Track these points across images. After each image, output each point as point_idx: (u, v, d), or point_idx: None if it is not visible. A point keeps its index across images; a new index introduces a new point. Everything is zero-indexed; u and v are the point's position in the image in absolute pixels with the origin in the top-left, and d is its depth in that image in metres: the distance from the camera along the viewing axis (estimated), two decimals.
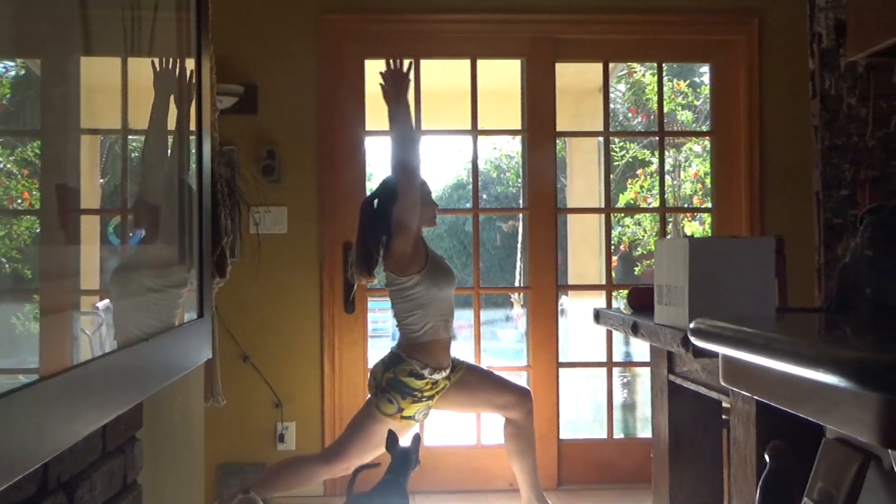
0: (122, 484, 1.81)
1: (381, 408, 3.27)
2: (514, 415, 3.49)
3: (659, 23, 4.22)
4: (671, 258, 2.34)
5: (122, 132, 1.83)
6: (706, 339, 1.66)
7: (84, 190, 1.58)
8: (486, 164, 15.77)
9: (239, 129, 3.96)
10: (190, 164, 2.22)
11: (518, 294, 11.44)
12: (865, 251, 1.95)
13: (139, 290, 1.88)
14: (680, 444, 2.89)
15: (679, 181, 11.74)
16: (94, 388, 1.44)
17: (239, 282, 3.72)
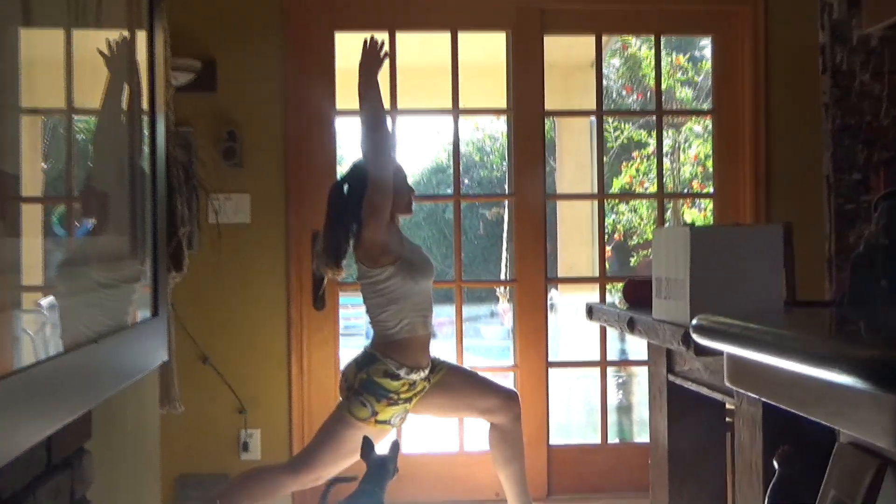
0: (70, 500, 1.79)
1: (353, 412, 3.26)
2: (499, 419, 3.49)
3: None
4: (670, 248, 2.34)
5: (66, 112, 1.80)
6: (709, 337, 1.66)
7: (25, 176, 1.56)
8: (467, 146, 15.76)
9: (196, 109, 3.93)
10: (142, 147, 2.19)
11: (503, 288, 11.47)
12: (880, 239, 1.96)
13: (87, 286, 1.86)
14: (680, 450, 2.90)
15: (678, 164, 11.79)
16: (37, 394, 1.43)
17: (197, 276, 3.70)
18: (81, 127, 1.95)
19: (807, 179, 4.05)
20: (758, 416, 2.09)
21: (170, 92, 3.12)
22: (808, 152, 4.03)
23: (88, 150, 1.96)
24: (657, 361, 2.91)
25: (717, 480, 2.91)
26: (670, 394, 2.86)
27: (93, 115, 1.97)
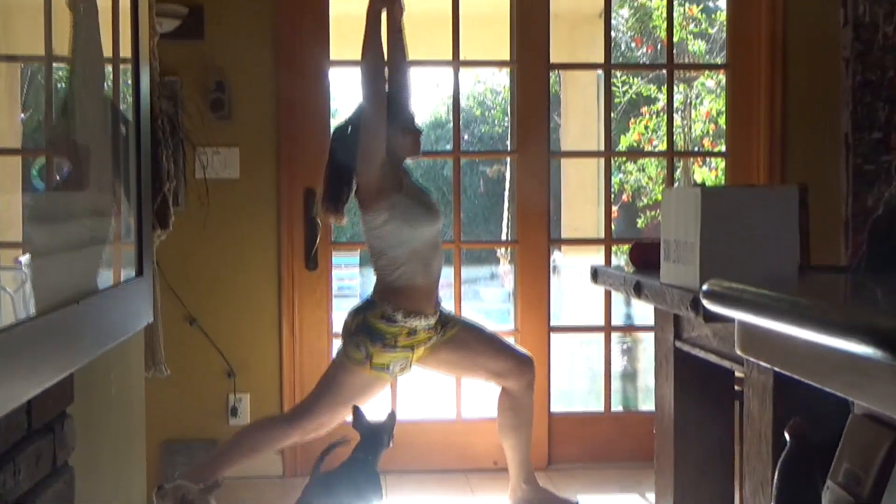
0: (52, 466, 1.80)
1: (349, 354, 3.30)
2: (511, 385, 3.52)
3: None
4: (680, 210, 2.33)
5: (45, 59, 1.78)
6: (720, 303, 1.66)
7: (2, 127, 1.55)
8: (468, 99, 15.68)
9: (182, 57, 3.89)
10: (125, 98, 2.17)
11: (504, 249, 11.47)
12: None
13: (67, 243, 1.85)
14: (686, 418, 2.92)
15: (689, 121, 11.73)
16: (16, 357, 1.42)
17: (184, 234, 3.69)
18: (62, 76, 1.93)
19: (824, 138, 4.03)
20: (768, 386, 2.10)
21: (154, 39, 3.09)
22: (827, 110, 4.00)
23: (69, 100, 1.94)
24: (664, 327, 2.92)
25: (724, 451, 2.93)
26: (677, 361, 2.87)
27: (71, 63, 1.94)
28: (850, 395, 1.43)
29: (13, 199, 1.66)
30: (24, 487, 1.65)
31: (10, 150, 1.66)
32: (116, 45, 2.14)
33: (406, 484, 3.97)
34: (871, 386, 1.31)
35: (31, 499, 1.67)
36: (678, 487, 2.93)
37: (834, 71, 3.78)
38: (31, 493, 1.68)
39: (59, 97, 1.85)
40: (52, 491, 1.78)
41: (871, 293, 1.80)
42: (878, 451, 1.59)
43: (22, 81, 1.74)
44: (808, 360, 1.48)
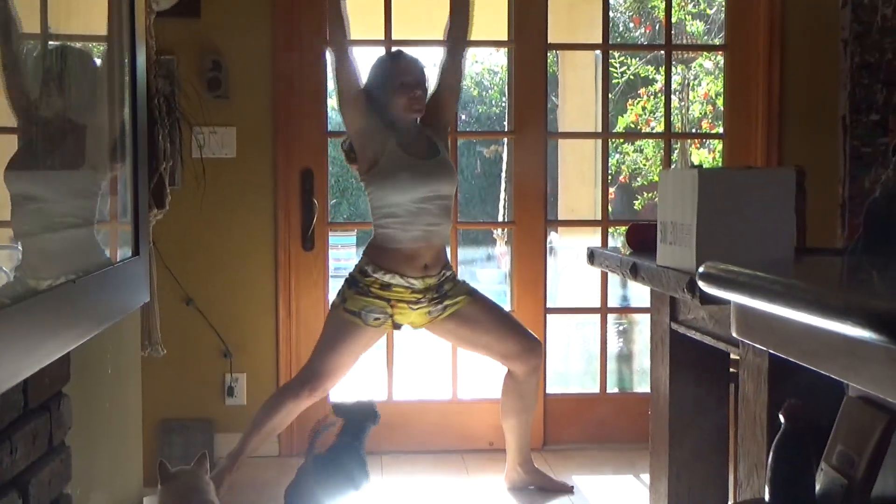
0: (48, 445, 1.81)
1: (332, 302, 3.53)
2: (517, 367, 3.54)
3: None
4: (677, 191, 2.33)
5: (41, 37, 1.78)
6: (716, 285, 1.66)
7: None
8: (465, 79, 15.64)
9: (179, 36, 3.87)
10: (122, 77, 2.16)
11: (501, 230, 11.46)
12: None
13: (64, 223, 1.85)
14: (681, 400, 2.93)
15: (687, 102, 11.71)
16: (12, 336, 1.42)
17: (180, 214, 3.69)
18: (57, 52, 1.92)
19: (822, 120, 4.02)
20: (763, 368, 2.10)
21: (150, 18, 3.08)
22: (824, 92, 4.00)
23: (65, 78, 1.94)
24: (660, 309, 2.92)
25: (719, 433, 2.94)
26: (673, 343, 2.88)
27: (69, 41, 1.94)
28: (845, 377, 1.43)
29: None
30: (21, 466, 1.65)
31: (6, 128, 1.66)
32: (112, 23, 2.13)
33: (401, 464, 3.99)
34: (865, 368, 1.32)
35: (28, 477, 1.68)
36: (673, 469, 2.95)
37: (832, 52, 3.77)
38: (27, 472, 1.68)
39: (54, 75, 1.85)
40: (49, 469, 1.79)
41: (867, 276, 1.81)
42: (872, 433, 1.60)
43: None
44: (804, 342, 1.49)
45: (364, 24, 4.83)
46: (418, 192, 3.39)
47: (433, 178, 3.42)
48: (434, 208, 3.43)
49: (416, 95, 3.46)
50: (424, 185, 3.40)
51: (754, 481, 2.16)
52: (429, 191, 3.41)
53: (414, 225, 3.40)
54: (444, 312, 3.48)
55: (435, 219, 3.43)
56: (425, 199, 3.40)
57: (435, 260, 3.46)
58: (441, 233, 3.47)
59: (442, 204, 3.45)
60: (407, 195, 3.38)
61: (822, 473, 1.70)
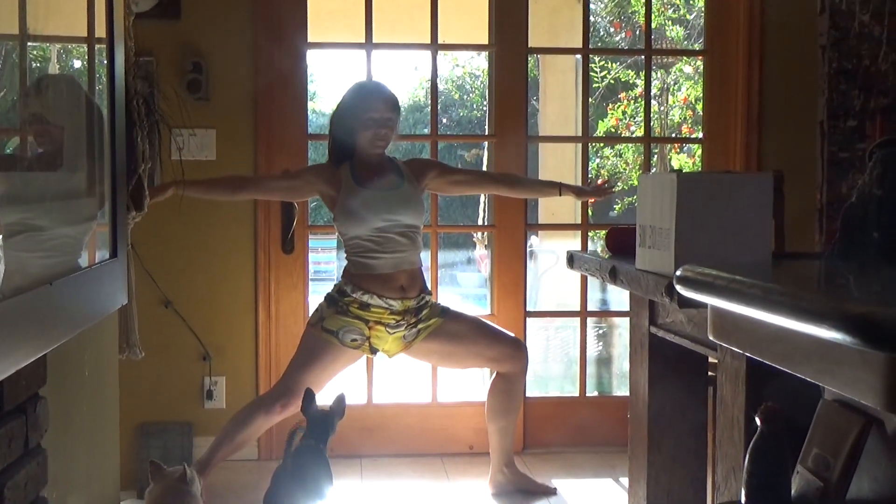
0: (24, 448, 1.80)
1: (309, 320, 3.55)
2: (507, 369, 3.59)
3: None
4: (656, 195, 2.34)
5: (19, 38, 1.77)
6: (694, 289, 1.67)
7: None
8: (446, 83, 15.65)
9: (158, 37, 3.86)
10: (100, 78, 2.16)
11: (481, 233, 11.46)
12: (874, 190, 1.97)
13: (41, 224, 1.84)
14: (660, 403, 2.94)
15: (666, 107, 11.75)
16: None
17: (159, 216, 3.67)
18: (36, 55, 1.92)
19: (800, 126, 4.05)
20: (741, 371, 2.11)
21: (129, 18, 3.06)
22: (803, 97, 4.02)
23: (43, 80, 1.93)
24: (639, 313, 2.93)
25: (697, 435, 2.96)
26: (652, 346, 2.89)
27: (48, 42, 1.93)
28: (820, 380, 1.44)
29: None
30: None
31: None
32: (91, 24, 2.12)
33: (381, 468, 3.98)
34: (841, 372, 1.33)
35: (3, 480, 1.67)
36: (651, 472, 2.96)
37: (811, 58, 3.80)
38: (2, 475, 1.67)
39: (32, 77, 1.84)
40: (25, 472, 1.77)
41: (843, 280, 1.82)
42: (847, 436, 1.61)
43: None
44: (780, 345, 1.50)
45: (345, 26, 4.84)
46: (374, 222, 3.43)
47: (390, 209, 3.45)
48: (398, 237, 3.46)
49: (380, 134, 3.51)
50: (379, 215, 3.44)
51: (732, 484, 2.17)
52: (385, 221, 3.44)
53: (380, 253, 3.45)
54: (418, 336, 3.50)
55: (401, 246, 3.47)
56: (385, 228, 3.44)
57: (411, 282, 3.48)
58: (409, 258, 3.50)
59: (406, 232, 3.48)
60: (365, 226, 3.44)
61: (797, 476, 1.71)
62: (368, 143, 3.50)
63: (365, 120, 3.48)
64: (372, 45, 4.16)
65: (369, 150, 3.51)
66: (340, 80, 15.79)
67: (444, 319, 3.55)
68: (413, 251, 3.51)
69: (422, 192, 3.62)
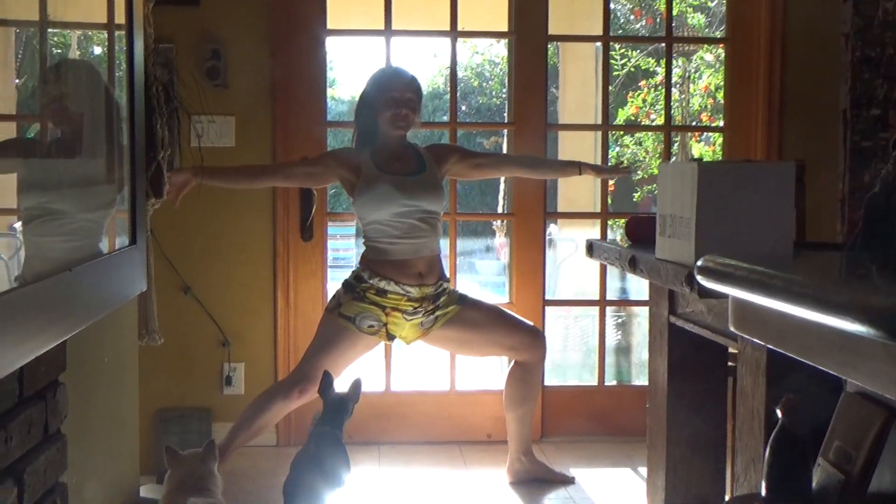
0: (44, 434, 1.80)
1: (327, 306, 3.54)
2: (525, 357, 3.59)
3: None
4: (676, 184, 2.33)
5: (40, 24, 1.77)
6: (714, 279, 1.66)
7: None
8: (466, 70, 15.61)
9: (178, 24, 3.86)
10: (119, 65, 2.16)
11: (500, 221, 11.46)
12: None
13: (61, 210, 1.85)
14: (679, 393, 2.93)
15: (687, 95, 11.69)
16: (8, 324, 1.42)
17: (179, 202, 3.68)
18: (56, 41, 1.92)
19: (822, 114, 4.01)
20: (762, 363, 2.10)
21: (149, 5, 3.06)
22: (825, 86, 3.98)
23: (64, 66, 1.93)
24: (659, 302, 2.92)
25: (716, 427, 2.94)
26: (671, 336, 2.87)
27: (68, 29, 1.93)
28: (843, 373, 1.43)
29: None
30: (16, 454, 1.65)
31: (5, 115, 1.65)
32: (111, 10, 2.12)
33: (398, 455, 3.99)
34: (863, 364, 1.31)
35: (24, 466, 1.68)
36: (670, 462, 2.95)
37: (833, 46, 3.76)
38: (22, 460, 1.68)
39: (53, 63, 1.84)
40: (45, 458, 1.78)
41: (866, 271, 1.80)
42: (869, 429, 1.60)
43: (16, 47, 1.73)
44: (802, 337, 1.48)
45: (364, 13, 4.83)
46: (394, 207, 3.42)
47: (410, 194, 3.44)
48: (418, 222, 3.45)
49: (401, 113, 3.50)
50: (399, 201, 3.42)
51: (751, 476, 2.16)
52: (405, 206, 3.42)
53: (399, 239, 3.44)
54: (436, 323, 3.50)
55: (421, 232, 3.46)
56: (405, 213, 3.43)
57: (429, 269, 3.48)
58: (429, 245, 3.49)
59: (426, 218, 3.46)
60: (384, 210, 3.42)
61: (819, 469, 1.70)
62: (389, 123, 3.49)
63: (385, 100, 3.49)
64: (391, 31, 4.15)
65: (390, 131, 3.50)
66: (360, 68, 15.78)
67: (463, 307, 3.54)
68: (433, 237, 3.50)
69: (443, 177, 3.62)
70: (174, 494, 2.57)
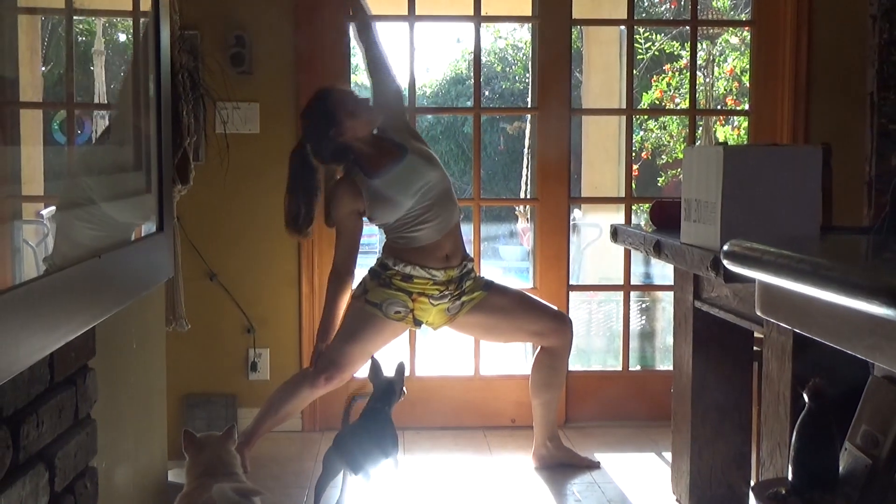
0: (74, 418, 1.83)
1: (353, 293, 3.51)
2: (552, 343, 3.59)
3: None
4: (702, 168, 2.32)
5: (66, 12, 1.78)
6: (741, 264, 1.65)
7: (23, 80, 1.55)
8: (489, 55, 15.58)
9: (202, 11, 3.87)
10: (145, 52, 2.17)
11: (524, 207, 11.45)
12: None
13: (89, 197, 1.86)
14: (704, 378, 2.93)
15: (712, 79, 11.62)
16: (39, 310, 1.44)
17: (204, 189, 3.71)
18: (82, 28, 1.93)
19: (849, 97, 3.98)
20: (788, 347, 2.09)
21: None
22: (852, 68, 3.95)
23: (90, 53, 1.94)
24: (684, 287, 2.92)
25: (741, 411, 2.94)
26: (696, 320, 2.87)
27: (94, 16, 1.94)
28: (871, 357, 1.42)
29: (34, 153, 1.67)
30: (47, 439, 1.67)
31: (32, 103, 1.66)
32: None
33: (423, 440, 4.00)
34: (891, 348, 1.31)
35: (54, 450, 1.70)
36: (695, 447, 2.95)
37: (860, 29, 3.73)
38: (53, 445, 1.70)
39: (79, 51, 1.85)
40: (75, 442, 1.80)
41: (893, 254, 1.79)
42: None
43: (42, 34, 1.74)
44: (829, 321, 1.48)
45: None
46: (408, 199, 3.40)
47: (413, 178, 3.41)
48: (432, 201, 3.43)
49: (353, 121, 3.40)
50: (409, 190, 3.40)
51: (777, 460, 2.16)
52: (416, 191, 3.40)
53: (423, 224, 3.43)
54: (462, 309, 3.50)
55: (439, 209, 3.44)
56: (420, 197, 3.41)
57: (455, 249, 3.48)
58: (451, 218, 3.47)
59: (436, 192, 3.44)
60: (402, 207, 3.40)
61: (846, 453, 1.70)
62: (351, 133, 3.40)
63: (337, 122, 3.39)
64: (415, 17, 4.14)
65: (358, 134, 3.41)
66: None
67: (489, 293, 3.54)
68: (452, 207, 3.48)
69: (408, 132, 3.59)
70: (202, 479, 2.59)
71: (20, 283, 1.42)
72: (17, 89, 1.47)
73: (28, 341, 1.38)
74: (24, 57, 1.54)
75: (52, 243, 1.67)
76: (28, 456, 1.58)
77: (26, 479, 1.54)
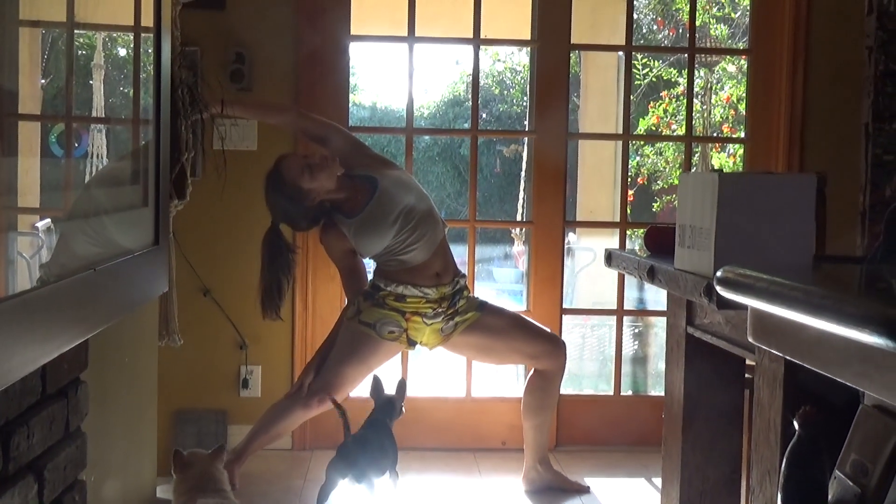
0: (65, 431, 1.82)
1: (346, 315, 3.51)
2: (546, 366, 3.58)
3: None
4: (697, 195, 2.33)
5: (66, 25, 1.79)
6: (734, 290, 1.66)
7: (23, 92, 1.55)
8: (487, 78, 15.62)
9: (203, 28, 3.89)
10: (146, 67, 2.18)
11: (519, 229, 11.45)
12: None
13: (85, 210, 1.87)
14: (696, 404, 2.92)
15: (709, 106, 11.65)
16: (32, 322, 1.44)
17: (201, 204, 3.71)
18: (83, 42, 1.94)
19: (844, 127, 4.00)
20: (779, 374, 2.10)
21: (176, 9, 3.09)
22: (848, 98, 3.98)
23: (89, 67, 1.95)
24: (677, 313, 2.92)
25: (732, 438, 2.93)
26: (688, 347, 2.87)
27: (95, 31, 1.95)
28: (861, 385, 1.43)
29: (31, 165, 1.67)
30: (37, 451, 1.67)
31: (31, 115, 1.67)
32: (138, 13, 2.14)
33: (413, 461, 3.99)
34: (882, 377, 1.31)
35: (44, 462, 1.69)
36: (685, 473, 2.94)
37: (856, 59, 3.76)
38: (43, 457, 1.70)
39: (79, 64, 1.86)
40: (65, 455, 1.80)
41: (886, 284, 1.80)
42: (886, 442, 1.59)
43: (43, 47, 1.75)
44: (820, 349, 1.48)
45: (387, 19, 4.85)
46: (390, 228, 3.40)
47: (388, 209, 3.41)
48: (414, 223, 3.42)
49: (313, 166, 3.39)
50: (388, 219, 3.40)
51: (767, 488, 2.16)
52: (394, 220, 3.40)
53: (411, 247, 3.43)
54: (456, 329, 3.50)
55: (423, 229, 3.43)
56: (399, 224, 3.40)
57: (445, 266, 3.48)
58: (435, 236, 3.47)
59: (417, 214, 3.43)
60: (387, 235, 3.40)
61: (835, 481, 1.70)
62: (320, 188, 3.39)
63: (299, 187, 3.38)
64: (414, 38, 4.16)
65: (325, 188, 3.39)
66: (382, 73, 15.81)
67: (483, 313, 3.54)
68: (435, 223, 3.47)
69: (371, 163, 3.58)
70: (191, 494, 2.59)
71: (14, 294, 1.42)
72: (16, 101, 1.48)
73: (21, 353, 1.38)
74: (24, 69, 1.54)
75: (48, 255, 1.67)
76: (18, 467, 1.57)
77: (15, 490, 1.54)
